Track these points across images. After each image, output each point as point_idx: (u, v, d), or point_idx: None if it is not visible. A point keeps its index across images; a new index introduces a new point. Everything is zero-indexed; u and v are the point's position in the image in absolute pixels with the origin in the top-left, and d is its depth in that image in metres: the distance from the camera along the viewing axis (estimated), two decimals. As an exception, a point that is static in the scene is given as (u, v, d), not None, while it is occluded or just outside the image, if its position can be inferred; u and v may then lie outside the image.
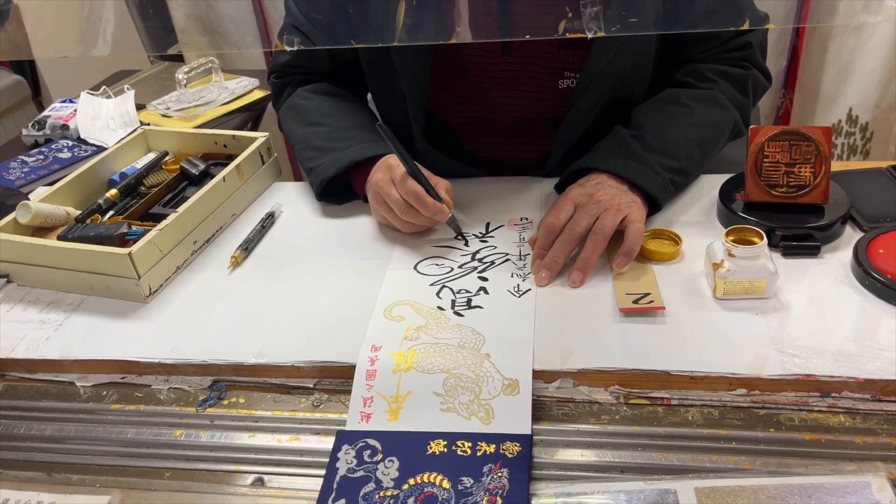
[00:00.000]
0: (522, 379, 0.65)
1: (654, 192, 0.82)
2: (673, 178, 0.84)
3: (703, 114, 0.89)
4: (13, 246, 0.83)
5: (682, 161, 0.86)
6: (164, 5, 1.76)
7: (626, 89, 0.93)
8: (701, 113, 0.89)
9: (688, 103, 0.90)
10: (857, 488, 0.54)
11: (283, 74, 1.05)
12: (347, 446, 0.61)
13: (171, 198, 0.97)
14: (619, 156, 0.84)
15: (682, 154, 0.86)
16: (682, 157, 0.86)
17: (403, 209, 0.83)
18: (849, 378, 0.61)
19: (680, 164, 0.85)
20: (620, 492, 0.55)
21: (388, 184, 0.84)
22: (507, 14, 0.62)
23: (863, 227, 0.80)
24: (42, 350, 0.75)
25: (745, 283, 0.70)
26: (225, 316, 0.77)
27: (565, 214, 0.79)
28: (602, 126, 0.92)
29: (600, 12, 0.52)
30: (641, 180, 0.82)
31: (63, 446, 0.67)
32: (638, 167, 0.83)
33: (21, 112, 2.19)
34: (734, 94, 0.93)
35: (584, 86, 0.89)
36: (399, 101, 0.95)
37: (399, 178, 0.83)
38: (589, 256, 0.76)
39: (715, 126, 0.91)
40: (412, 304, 0.75)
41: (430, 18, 0.59)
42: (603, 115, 0.93)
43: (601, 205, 0.79)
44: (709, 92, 0.91)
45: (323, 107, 0.98)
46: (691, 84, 0.93)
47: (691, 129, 0.88)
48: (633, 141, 0.86)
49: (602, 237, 0.77)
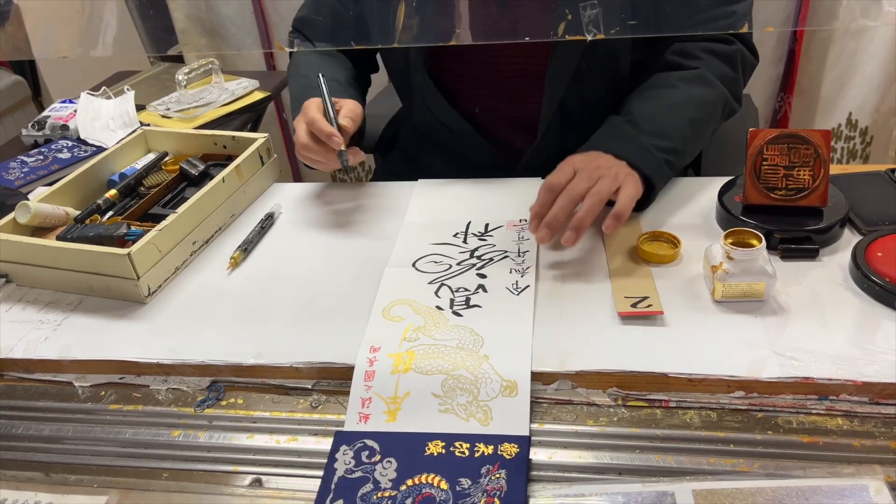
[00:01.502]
0: (521, 380, 0.65)
1: (649, 172, 0.84)
2: (667, 159, 0.86)
3: (691, 93, 0.91)
4: (12, 246, 0.83)
5: (675, 141, 0.88)
6: (165, 6, 1.77)
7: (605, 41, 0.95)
8: (690, 93, 0.91)
9: (676, 84, 0.92)
10: (854, 491, 0.54)
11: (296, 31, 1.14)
12: (345, 447, 0.61)
13: (170, 198, 0.97)
14: (613, 139, 0.87)
15: (676, 134, 0.88)
16: (675, 137, 0.88)
17: (302, 142, 0.88)
18: (847, 381, 0.61)
19: (673, 145, 0.87)
20: (618, 494, 0.55)
21: (299, 122, 0.89)
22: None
23: (861, 231, 0.80)
24: (40, 350, 0.75)
25: (744, 286, 0.70)
26: (223, 317, 0.77)
27: (565, 176, 0.81)
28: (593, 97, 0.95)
29: (599, 14, 0.52)
30: (637, 160, 0.84)
31: (61, 446, 0.67)
32: (633, 148, 0.85)
33: (21, 112, 2.19)
34: (723, 70, 0.94)
35: None
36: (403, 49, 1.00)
37: (310, 113, 0.87)
38: (584, 216, 0.78)
39: (705, 104, 0.92)
40: (411, 304, 0.75)
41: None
42: (587, 70, 0.95)
43: (600, 170, 0.81)
44: (696, 71, 0.93)
45: (311, 61, 1.07)
46: (678, 64, 0.94)
47: (682, 108, 0.90)
48: (627, 126, 0.88)
49: (598, 200, 0.78)
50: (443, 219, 0.91)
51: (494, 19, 0.69)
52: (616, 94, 0.99)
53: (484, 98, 1.03)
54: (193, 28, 2.00)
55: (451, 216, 0.91)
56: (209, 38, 2.03)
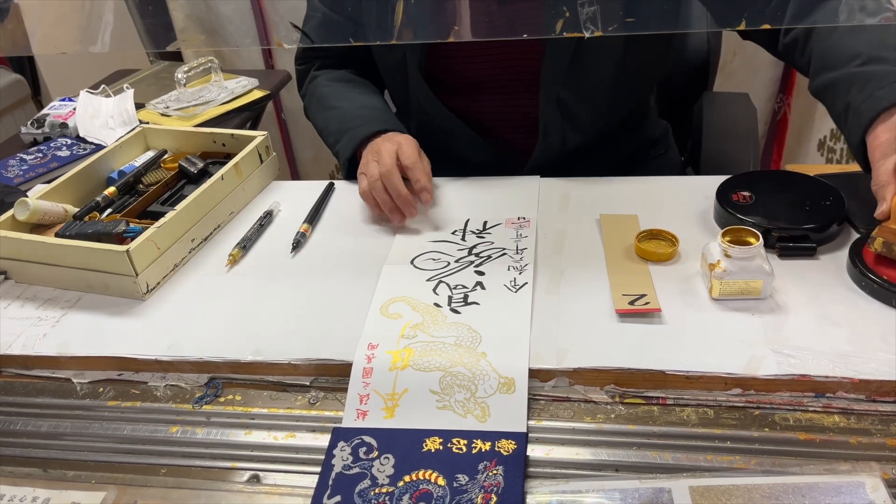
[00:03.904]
0: (518, 377, 0.65)
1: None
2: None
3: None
4: (11, 243, 0.83)
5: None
6: (164, 5, 1.77)
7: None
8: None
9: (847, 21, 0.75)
10: (851, 488, 0.54)
11: (304, 60, 1.13)
12: (343, 443, 0.61)
13: (169, 196, 0.97)
14: (883, 87, 0.73)
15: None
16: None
17: (385, 184, 0.87)
18: (844, 378, 0.62)
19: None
20: (615, 490, 0.56)
21: (390, 154, 0.88)
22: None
23: (859, 229, 0.80)
24: (39, 346, 0.75)
25: (741, 284, 0.70)
26: (222, 314, 0.77)
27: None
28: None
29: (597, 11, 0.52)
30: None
31: (59, 442, 0.67)
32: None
33: (20, 111, 2.19)
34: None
35: None
36: (398, 51, 1.00)
37: (395, 182, 0.86)
38: None
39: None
40: (409, 301, 0.75)
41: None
42: (582, 65, 0.94)
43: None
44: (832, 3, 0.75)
45: (340, 92, 1.06)
46: (800, 36, 0.84)
47: (876, 26, 0.74)
48: (870, 68, 0.75)
49: None
50: (441, 216, 0.91)
51: (493, 16, 0.69)
52: (614, 89, 0.99)
53: (481, 98, 1.03)
54: (193, 28, 2.00)
55: (450, 214, 0.92)
56: (209, 38, 2.03)
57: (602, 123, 1.03)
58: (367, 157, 0.92)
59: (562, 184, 0.96)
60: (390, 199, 0.87)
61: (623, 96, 1.02)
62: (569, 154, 1.03)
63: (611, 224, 0.85)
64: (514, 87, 1.00)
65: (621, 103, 1.03)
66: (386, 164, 0.87)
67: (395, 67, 1.05)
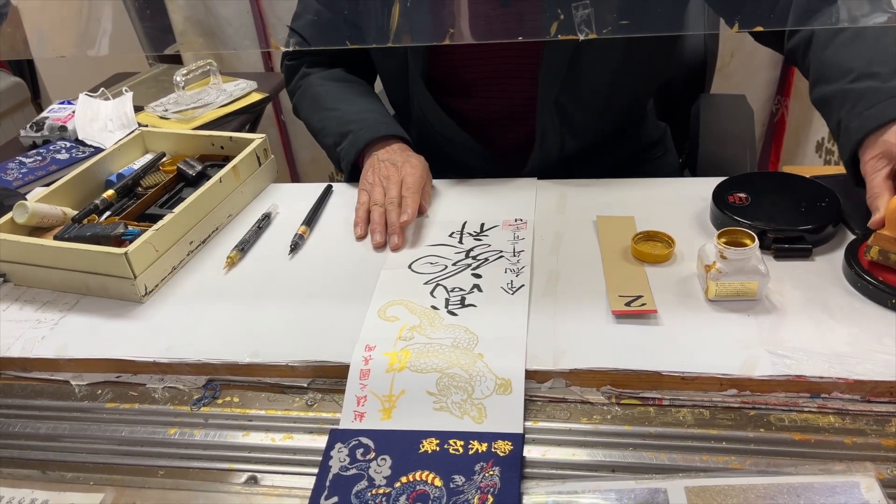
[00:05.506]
0: (515, 378, 0.65)
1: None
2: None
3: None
4: (10, 245, 0.83)
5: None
6: (163, 8, 1.77)
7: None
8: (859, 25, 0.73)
9: (843, 28, 0.78)
10: (846, 488, 0.54)
11: (294, 57, 1.14)
12: (340, 445, 0.61)
13: (167, 198, 0.98)
14: (873, 106, 0.74)
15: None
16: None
17: (385, 212, 0.88)
18: (839, 379, 0.62)
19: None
20: (611, 491, 0.56)
21: (397, 184, 0.90)
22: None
23: (854, 230, 0.80)
24: (38, 349, 0.75)
25: (737, 285, 0.71)
26: (220, 316, 0.78)
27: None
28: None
29: (591, 14, 0.52)
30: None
31: (58, 444, 0.67)
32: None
33: (20, 114, 2.19)
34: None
35: None
36: (401, 52, 1.01)
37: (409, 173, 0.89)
38: None
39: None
40: (406, 304, 0.76)
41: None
42: (579, 68, 0.94)
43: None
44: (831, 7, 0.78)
45: (337, 93, 1.06)
46: (800, 44, 0.85)
47: (871, 37, 0.77)
48: (861, 84, 0.76)
49: None
50: (439, 219, 0.91)
51: (494, 19, 0.70)
52: (613, 93, 0.99)
53: (480, 102, 1.03)
54: (192, 30, 2.01)
55: (447, 216, 0.92)
56: (207, 40, 2.04)
57: (600, 127, 1.03)
58: (375, 177, 0.93)
59: (559, 186, 0.96)
60: (383, 227, 0.88)
61: (621, 100, 1.02)
62: (567, 158, 1.03)
63: (607, 226, 0.86)
64: (512, 91, 1.01)
65: (619, 107, 1.03)
66: (392, 197, 0.89)
67: (395, 71, 1.05)
